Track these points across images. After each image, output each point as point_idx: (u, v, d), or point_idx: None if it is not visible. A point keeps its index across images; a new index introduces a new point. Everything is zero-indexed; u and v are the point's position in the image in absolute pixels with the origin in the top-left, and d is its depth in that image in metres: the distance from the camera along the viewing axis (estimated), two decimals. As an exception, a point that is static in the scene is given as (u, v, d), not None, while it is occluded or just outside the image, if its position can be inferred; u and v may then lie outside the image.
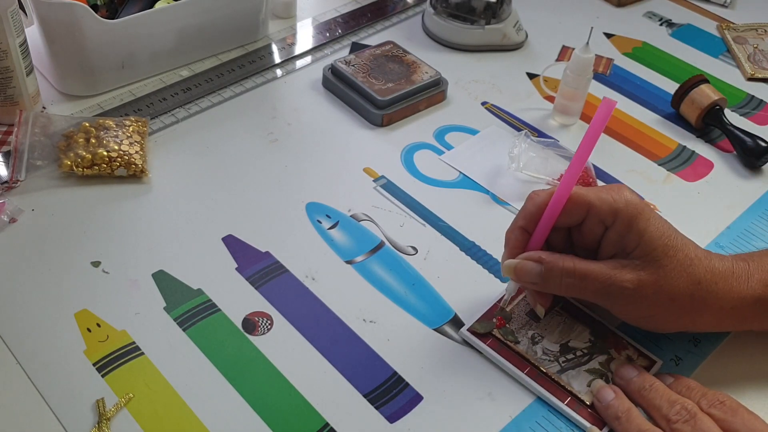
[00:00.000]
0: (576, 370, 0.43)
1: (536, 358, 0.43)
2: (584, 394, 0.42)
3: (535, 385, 0.42)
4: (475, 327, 0.45)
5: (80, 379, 0.42)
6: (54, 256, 0.49)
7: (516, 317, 0.46)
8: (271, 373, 0.44)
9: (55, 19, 0.57)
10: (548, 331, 0.45)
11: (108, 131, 0.56)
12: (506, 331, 0.45)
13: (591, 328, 0.46)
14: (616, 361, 0.44)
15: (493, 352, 0.44)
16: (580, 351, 0.44)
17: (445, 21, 0.72)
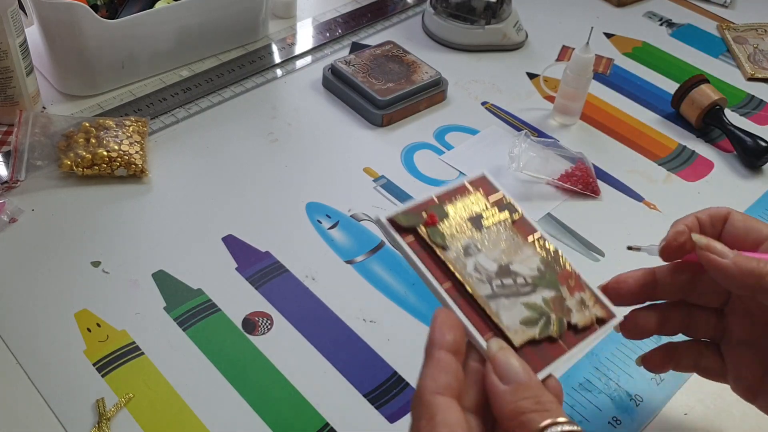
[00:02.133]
0: (511, 299, 0.33)
1: (464, 273, 0.33)
2: (513, 331, 0.32)
3: (453, 306, 0.32)
4: (398, 217, 0.34)
5: (80, 379, 0.42)
6: (54, 256, 0.49)
7: (453, 219, 0.35)
8: (271, 372, 0.44)
9: (55, 19, 0.57)
10: (489, 245, 0.34)
11: (108, 131, 0.56)
12: (435, 232, 0.34)
13: (543, 256, 0.35)
14: (569, 303, 0.34)
15: (411, 252, 0.33)
16: (523, 279, 0.34)
17: (445, 21, 0.72)
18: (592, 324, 0.34)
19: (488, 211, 0.36)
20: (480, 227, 0.35)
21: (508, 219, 0.36)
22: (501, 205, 0.37)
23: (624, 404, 0.44)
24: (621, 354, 0.47)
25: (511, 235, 0.36)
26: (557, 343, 0.33)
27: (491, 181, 0.37)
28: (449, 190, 0.36)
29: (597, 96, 0.69)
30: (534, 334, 0.32)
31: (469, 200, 0.36)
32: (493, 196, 0.37)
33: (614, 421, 0.43)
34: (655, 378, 0.46)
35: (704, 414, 0.44)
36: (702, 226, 0.38)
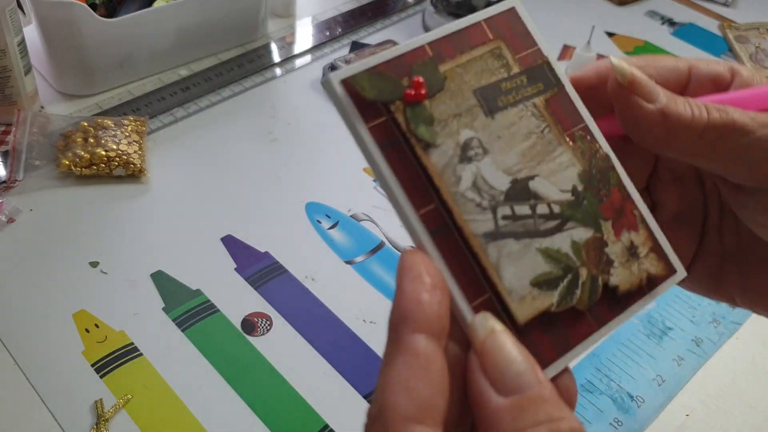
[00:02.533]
0: (522, 242, 0.21)
1: (454, 192, 0.20)
2: (518, 298, 0.20)
3: (427, 245, 0.20)
4: (359, 80, 0.20)
5: (78, 380, 0.42)
6: (52, 257, 0.49)
7: (453, 91, 0.21)
8: (270, 374, 0.43)
9: (54, 17, 0.57)
10: (504, 142, 0.21)
11: (106, 131, 0.56)
12: (419, 114, 0.20)
13: (584, 166, 0.22)
14: (611, 251, 0.22)
15: (373, 148, 0.20)
16: (546, 206, 0.21)
17: (446, 19, 0.72)
18: (640, 286, 0.22)
19: (511, 80, 0.22)
20: (494, 108, 0.21)
21: (540, 95, 0.22)
22: (533, 70, 0.22)
23: (625, 405, 0.44)
24: (622, 355, 0.47)
25: (541, 126, 0.22)
26: (583, 318, 0.21)
27: (525, 23, 0.23)
28: (455, 32, 0.22)
29: (598, 95, 0.68)
30: (550, 304, 0.20)
31: (484, 56, 0.22)
32: (525, 51, 0.23)
33: (616, 423, 0.43)
34: (656, 379, 0.45)
35: (706, 415, 0.44)
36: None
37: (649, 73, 0.24)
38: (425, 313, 0.18)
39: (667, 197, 0.27)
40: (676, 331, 0.48)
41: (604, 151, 0.23)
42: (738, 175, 0.23)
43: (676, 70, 0.25)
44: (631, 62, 0.24)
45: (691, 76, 0.25)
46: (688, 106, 0.23)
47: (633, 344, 0.47)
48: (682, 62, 0.25)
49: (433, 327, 0.18)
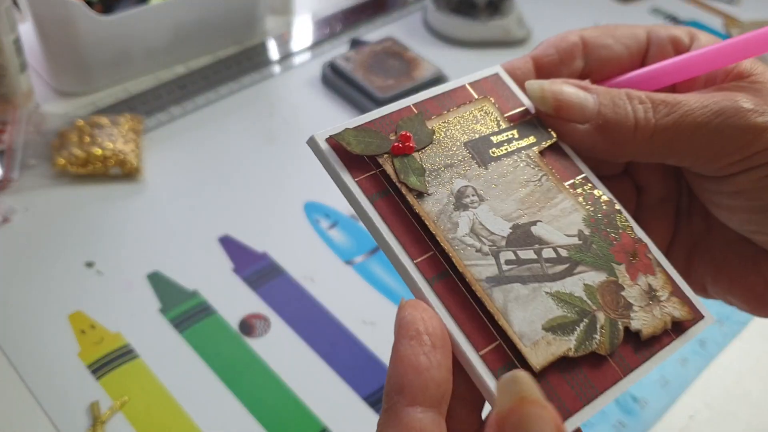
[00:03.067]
0: (530, 287, 0.20)
1: (451, 238, 0.20)
2: (530, 343, 0.19)
3: (429, 296, 0.19)
4: (344, 136, 0.21)
5: (74, 382, 0.42)
6: (47, 257, 0.48)
7: (442, 144, 0.21)
8: (268, 376, 0.43)
9: (49, 15, 0.56)
10: (500, 190, 0.21)
11: (102, 129, 0.55)
12: (408, 166, 0.20)
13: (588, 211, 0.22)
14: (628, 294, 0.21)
15: (363, 200, 0.20)
16: (552, 250, 0.20)
17: (447, 16, 0.71)
18: (665, 330, 0.21)
19: (502, 134, 0.22)
20: (486, 159, 0.21)
21: (534, 147, 0.22)
22: (525, 126, 0.22)
23: (629, 407, 0.43)
24: (625, 356, 0.46)
25: (538, 175, 0.21)
26: (606, 365, 0.20)
27: (508, 85, 0.23)
28: (439, 94, 0.22)
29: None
30: (568, 348, 0.19)
31: (472, 113, 0.22)
32: (513, 111, 0.23)
33: (619, 425, 0.42)
34: (660, 380, 0.45)
35: (709, 417, 0.43)
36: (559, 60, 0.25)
37: (606, 42, 0.24)
38: (423, 382, 0.17)
39: (650, 181, 0.27)
40: (679, 332, 0.48)
41: (607, 197, 0.22)
42: (696, 167, 0.23)
43: (635, 38, 0.25)
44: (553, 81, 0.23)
45: (651, 42, 0.25)
46: (630, 108, 0.22)
47: (636, 345, 0.47)
48: (640, 29, 0.25)
49: (432, 397, 0.17)
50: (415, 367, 0.17)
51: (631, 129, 0.21)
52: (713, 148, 0.22)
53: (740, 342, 0.48)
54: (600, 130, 0.22)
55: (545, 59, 0.25)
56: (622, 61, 0.25)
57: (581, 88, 0.22)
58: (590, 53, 0.25)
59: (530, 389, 0.16)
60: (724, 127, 0.21)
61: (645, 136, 0.22)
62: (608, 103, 0.22)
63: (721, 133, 0.21)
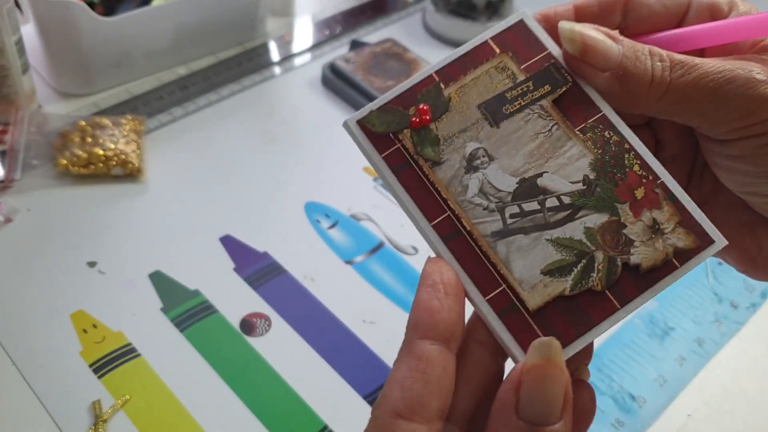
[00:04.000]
0: (531, 236, 0.22)
1: (461, 200, 0.22)
2: (528, 287, 0.22)
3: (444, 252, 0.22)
4: (370, 119, 0.23)
5: (76, 381, 0.42)
6: (50, 257, 0.49)
7: (458, 110, 0.23)
8: (269, 375, 0.43)
9: (52, 16, 0.56)
10: (510, 147, 0.23)
11: (104, 130, 0.55)
12: (425, 138, 0.23)
13: (596, 155, 0.23)
14: (630, 231, 0.22)
15: (388, 173, 0.23)
16: (556, 198, 0.22)
17: (446, 18, 0.71)
18: (666, 261, 0.22)
19: (517, 88, 0.23)
20: (498, 117, 0.23)
21: (547, 96, 0.23)
22: (540, 74, 0.23)
23: (627, 406, 0.44)
24: (624, 355, 0.46)
25: (549, 125, 0.23)
26: (604, 298, 0.21)
27: (534, 32, 0.24)
28: (462, 55, 0.24)
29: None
30: (563, 288, 0.21)
31: (489, 72, 0.23)
32: (533, 59, 0.24)
33: (617, 423, 0.43)
34: (658, 379, 0.45)
35: (708, 415, 0.44)
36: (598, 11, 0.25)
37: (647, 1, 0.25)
38: (433, 320, 0.20)
39: (669, 136, 0.28)
40: (678, 331, 0.48)
41: (620, 137, 0.23)
42: (702, 128, 0.24)
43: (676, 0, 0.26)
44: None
45: (691, 6, 0.26)
46: (649, 64, 0.23)
47: (635, 344, 0.47)
48: None
49: (440, 333, 0.20)
50: (428, 309, 0.21)
51: (647, 84, 0.22)
52: (719, 112, 0.23)
53: (738, 341, 0.48)
54: (618, 80, 0.22)
55: (586, 9, 0.25)
56: (659, 21, 0.26)
57: (609, 37, 0.23)
58: (630, 10, 0.26)
59: (557, 355, 0.20)
60: (732, 95, 0.22)
61: (659, 92, 0.23)
62: (631, 56, 0.23)
63: (729, 100, 0.22)
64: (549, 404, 0.19)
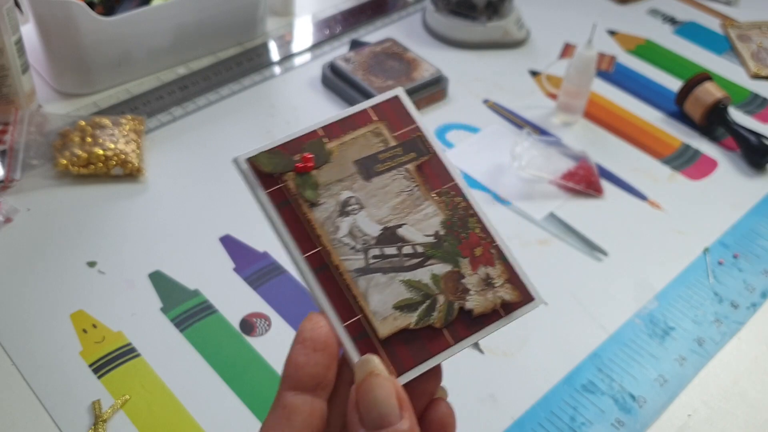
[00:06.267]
0: (388, 275, 0.25)
1: (333, 239, 0.25)
2: (380, 318, 0.25)
3: (311, 281, 0.25)
4: (260, 158, 0.26)
5: (76, 381, 0.42)
6: (49, 256, 0.49)
7: (337, 163, 0.27)
8: (268, 374, 0.43)
9: (51, 16, 0.56)
10: (377, 199, 0.26)
11: (104, 130, 0.55)
12: (305, 182, 0.26)
13: (447, 215, 0.27)
14: (467, 281, 0.26)
15: (270, 208, 0.26)
16: (411, 247, 0.26)
17: (446, 18, 0.71)
18: (494, 310, 0.26)
19: (389, 151, 0.27)
20: (371, 174, 0.26)
21: (412, 162, 0.27)
22: (408, 143, 0.27)
23: (627, 406, 0.43)
24: (624, 355, 0.46)
25: (411, 186, 0.27)
26: (441, 336, 0.25)
27: (406, 108, 0.28)
28: (343, 118, 0.27)
29: (600, 94, 0.68)
30: (409, 322, 0.25)
31: (366, 135, 0.27)
32: (403, 129, 0.28)
33: (617, 423, 0.42)
34: (658, 379, 0.45)
35: (708, 416, 0.43)
36: None
37: None
38: (297, 374, 0.23)
39: None
40: (678, 331, 0.48)
41: (468, 202, 0.27)
42: None
43: None
44: None
45: None
46: None
47: (635, 344, 0.47)
48: None
49: (305, 385, 0.23)
50: (295, 364, 0.23)
51: None
52: None
53: (738, 341, 0.48)
54: None
55: None
56: None
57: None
58: None
59: (377, 367, 0.23)
60: None
61: None
62: None
63: None
64: (383, 407, 0.22)
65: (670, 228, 0.56)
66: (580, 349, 0.46)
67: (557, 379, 0.44)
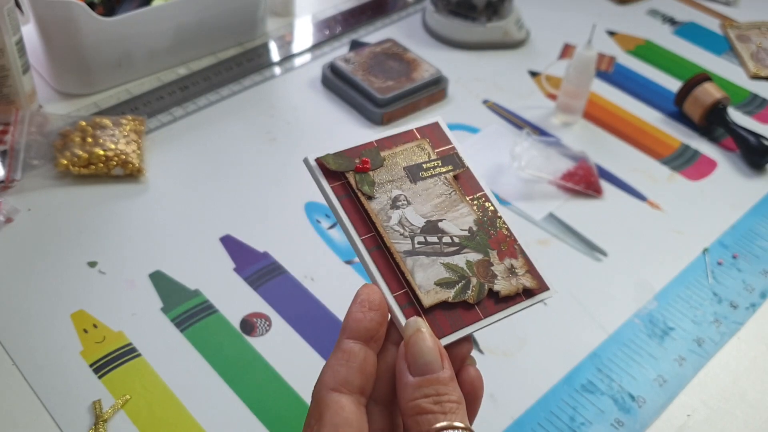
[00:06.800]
0: (431, 258, 0.31)
1: (385, 226, 0.31)
2: (425, 291, 0.30)
3: (367, 258, 0.30)
4: (327, 158, 0.32)
5: (77, 381, 0.42)
6: (50, 256, 0.49)
7: (389, 167, 0.33)
8: (269, 374, 0.43)
9: (52, 16, 0.56)
10: (422, 198, 0.32)
11: (104, 130, 0.56)
12: (364, 179, 0.32)
13: (478, 216, 0.33)
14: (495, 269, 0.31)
15: (334, 198, 0.31)
16: (449, 237, 0.32)
17: (446, 18, 0.71)
18: (517, 294, 0.31)
19: (431, 162, 0.33)
20: (416, 178, 0.33)
21: (450, 172, 0.33)
22: (446, 157, 0.34)
23: (626, 406, 0.44)
24: (624, 355, 0.46)
25: (449, 190, 0.33)
26: (473, 310, 0.30)
27: (445, 131, 0.35)
28: (394, 135, 0.33)
29: (599, 94, 0.68)
30: (448, 296, 0.30)
31: (412, 148, 0.33)
32: (442, 147, 0.34)
33: (617, 423, 0.43)
34: (657, 379, 0.45)
35: (707, 415, 0.44)
36: None
37: None
38: (357, 327, 0.28)
39: None
40: (677, 331, 0.48)
41: (495, 208, 0.33)
42: None
43: None
44: None
45: None
46: None
47: (634, 344, 0.47)
48: None
49: (362, 335, 0.28)
50: (354, 319, 0.28)
51: None
52: None
53: (737, 341, 0.48)
54: None
55: None
56: None
57: None
58: None
59: (423, 325, 0.28)
60: None
61: None
62: None
63: None
64: (428, 357, 0.27)
65: (669, 228, 0.56)
66: (580, 349, 0.46)
67: (557, 379, 0.44)
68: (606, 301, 0.50)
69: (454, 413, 0.26)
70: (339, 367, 0.27)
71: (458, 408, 0.27)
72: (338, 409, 0.26)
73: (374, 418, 0.28)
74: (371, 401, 0.28)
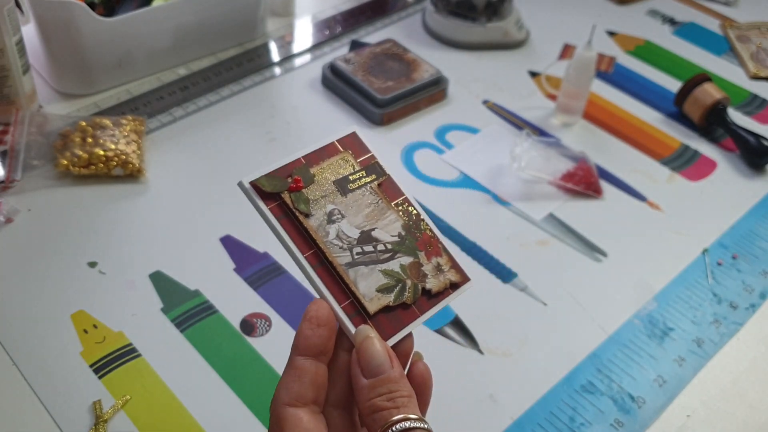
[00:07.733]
0: (369, 267, 0.33)
1: (325, 241, 0.33)
2: (368, 299, 0.32)
3: (312, 275, 0.32)
4: (261, 181, 0.33)
5: (77, 381, 0.42)
6: (50, 257, 0.49)
7: (319, 183, 0.34)
8: (269, 375, 0.43)
9: (52, 17, 0.56)
10: (353, 210, 0.34)
11: (105, 130, 0.56)
12: (299, 198, 0.33)
13: (405, 221, 0.35)
14: (425, 269, 0.34)
15: (274, 220, 0.32)
16: (383, 245, 0.34)
17: (446, 19, 0.72)
18: (446, 289, 0.34)
19: (356, 173, 0.35)
20: (346, 191, 0.34)
21: (374, 182, 0.35)
22: (369, 167, 0.36)
23: (626, 406, 0.44)
24: (623, 356, 0.46)
25: (376, 199, 0.35)
26: (411, 309, 0.33)
27: (362, 140, 0.37)
28: (318, 149, 0.35)
29: (599, 95, 0.68)
30: (389, 301, 0.32)
31: (338, 161, 0.35)
32: (363, 156, 0.36)
33: (616, 423, 0.43)
34: (657, 380, 0.45)
35: (707, 416, 0.44)
36: None
37: None
38: (306, 343, 0.30)
39: None
40: (677, 332, 0.48)
41: (417, 211, 0.35)
42: None
43: None
44: None
45: None
46: None
47: (634, 345, 0.47)
48: None
49: (310, 351, 0.30)
50: (303, 336, 0.30)
51: None
52: None
53: (737, 342, 0.48)
54: None
55: None
56: None
57: None
58: None
59: (370, 332, 0.30)
60: None
61: None
62: None
63: None
64: (378, 360, 0.29)
65: (669, 229, 0.56)
66: (580, 350, 0.46)
67: (556, 380, 0.44)
68: (606, 301, 0.50)
69: (407, 406, 0.29)
70: (292, 384, 0.29)
71: (410, 401, 0.29)
72: (297, 422, 0.28)
73: (335, 422, 0.30)
74: (330, 406, 0.30)
